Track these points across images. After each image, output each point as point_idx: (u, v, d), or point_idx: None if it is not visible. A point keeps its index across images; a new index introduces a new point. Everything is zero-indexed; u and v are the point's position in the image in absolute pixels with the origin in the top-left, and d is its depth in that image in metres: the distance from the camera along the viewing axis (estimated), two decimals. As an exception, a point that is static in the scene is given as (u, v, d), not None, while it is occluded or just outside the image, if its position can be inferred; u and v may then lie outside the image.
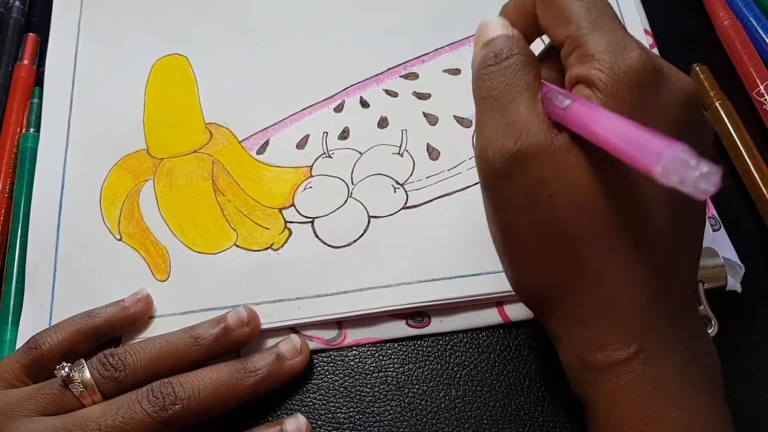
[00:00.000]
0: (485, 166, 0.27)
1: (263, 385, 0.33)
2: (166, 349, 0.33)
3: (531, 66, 0.28)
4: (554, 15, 0.27)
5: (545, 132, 0.26)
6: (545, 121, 0.26)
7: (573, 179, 0.25)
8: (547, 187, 0.25)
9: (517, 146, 0.26)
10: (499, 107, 0.27)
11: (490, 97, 0.27)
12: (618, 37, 0.26)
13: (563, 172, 0.25)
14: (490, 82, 0.28)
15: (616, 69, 0.25)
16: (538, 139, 0.25)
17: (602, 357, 0.26)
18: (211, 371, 0.33)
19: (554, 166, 0.25)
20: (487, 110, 0.27)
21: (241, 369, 0.33)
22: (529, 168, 0.26)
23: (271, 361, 0.34)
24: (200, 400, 0.32)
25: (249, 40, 0.45)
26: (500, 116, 0.27)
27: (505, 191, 0.27)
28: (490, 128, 0.27)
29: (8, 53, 0.45)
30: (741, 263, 0.36)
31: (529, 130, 0.26)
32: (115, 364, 0.32)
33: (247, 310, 0.35)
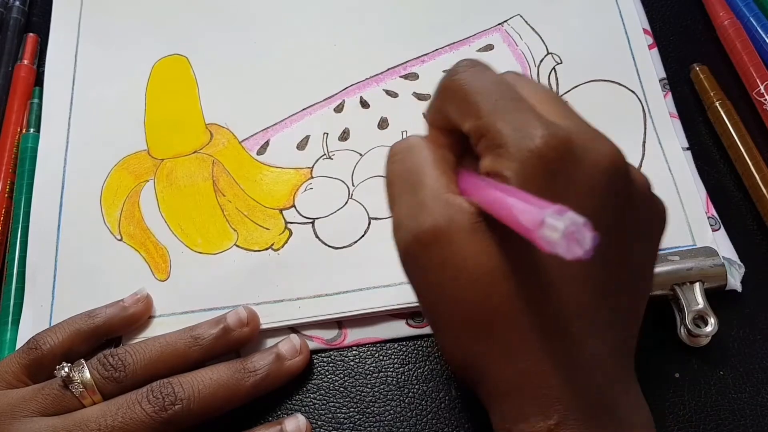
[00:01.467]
0: (397, 246, 0.27)
1: (263, 385, 0.33)
2: (166, 349, 0.33)
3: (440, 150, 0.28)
4: (457, 108, 0.27)
5: (447, 211, 0.25)
6: (450, 200, 0.26)
7: (473, 262, 0.25)
8: (450, 269, 0.25)
9: (418, 226, 0.26)
10: (407, 188, 0.27)
11: (397, 180, 0.28)
12: (520, 119, 0.25)
13: (465, 255, 0.25)
14: (395, 166, 0.28)
15: (520, 155, 0.24)
16: (439, 220, 0.25)
17: (526, 428, 0.26)
18: (210, 371, 0.33)
19: (456, 249, 0.25)
20: (395, 192, 0.28)
21: (240, 369, 0.33)
22: (432, 249, 0.25)
23: (271, 361, 0.34)
24: (200, 400, 0.32)
25: (249, 40, 0.45)
26: (407, 196, 0.27)
27: (416, 271, 0.27)
28: (399, 209, 0.27)
29: (8, 53, 0.45)
30: (741, 263, 0.36)
31: (432, 210, 0.26)
32: (115, 364, 0.32)
33: (247, 310, 0.35)
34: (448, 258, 0.25)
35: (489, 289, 0.25)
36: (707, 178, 0.39)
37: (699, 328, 0.33)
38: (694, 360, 0.34)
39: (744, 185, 0.39)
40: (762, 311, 0.36)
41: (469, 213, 0.25)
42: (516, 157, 0.24)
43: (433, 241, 0.25)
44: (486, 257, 0.25)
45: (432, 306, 0.27)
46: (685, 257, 0.35)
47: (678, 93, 0.42)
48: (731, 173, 0.40)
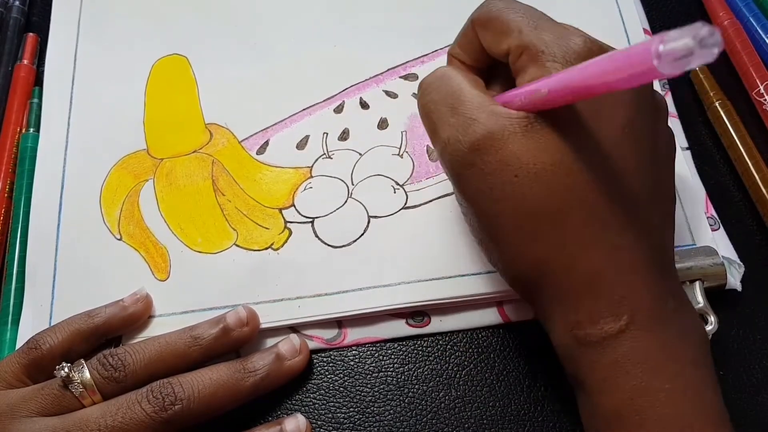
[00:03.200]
0: (448, 163, 0.28)
1: (263, 385, 0.33)
2: (165, 349, 0.33)
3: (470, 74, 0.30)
4: (495, 32, 0.29)
5: (497, 119, 0.27)
6: (496, 110, 0.27)
7: (534, 159, 0.26)
8: (510, 169, 0.26)
9: (471, 137, 0.27)
10: (448, 112, 0.28)
11: (436, 108, 0.29)
12: (559, 31, 0.27)
13: (523, 155, 0.26)
14: (431, 96, 0.30)
15: (566, 56, 0.26)
16: (490, 127, 0.27)
17: (594, 331, 0.26)
18: (210, 371, 0.33)
19: (513, 150, 0.26)
20: (437, 117, 0.29)
21: (240, 369, 0.33)
22: (490, 153, 0.27)
23: (271, 361, 0.34)
24: (200, 400, 0.32)
25: (249, 40, 0.45)
26: (451, 117, 0.28)
27: (473, 180, 0.28)
28: (445, 131, 0.28)
29: (8, 53, 0.45)
30: (740, 262, 0.36)
31: (479, 119, 0.27)
32: (115, 364, 0.32)
33: (247, 310, 0.35)
34: (507, 159, 0.26)
35: (552, 182, 0.26)
36: (707, 178, 0.39)
37: (699, 327, 0.33)
38: (694, 360, 0.34)
39: (744, 185, 0.39)
40: (762, 311, 0.36)
41: (518, 117, 0.26)
42: (562, 59, 0.26)
43: (489, 145, 0.27)
44: (545, 154, 0.26)
45: (494, 211, 0.27)
46: (684, 256, 0.35)
47: (678, 93, 0.42)
48: (731, 173, 0.40)
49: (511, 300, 0.36)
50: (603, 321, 0.26)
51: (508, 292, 0.36)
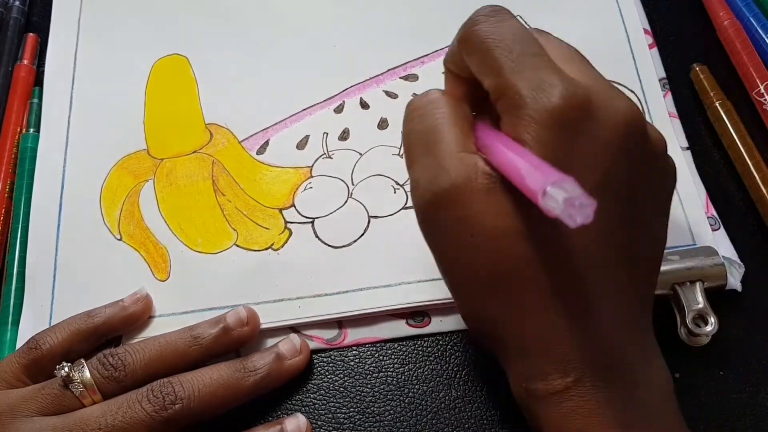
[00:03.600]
0: (415, 205, 0.28)
1: (263, 384, 0.33)
2: (165, 349, 0.33)
3: (458, 105, 0.28)
4: (478, 63, 0.27)
5: (464, 171, 0.26)
6: (469, 162, 0.26)
7: (490, 222, 0.25)
8: (467, 227, 0.26)
9: (436, 186, 0.26)
10: (425, 147, 0.27)
11: (415, 139, 0.28)
12: (540, 77, 0.25)
13: (482, 214, 0.25)
14: (414, 124, 0.28)
15: (538, 116, 0.24)
16: (456, 179, 0.26)
17: (543, 386, 0.26)
18: (210, 371, 0.33)
19: (474, 208, 0.25)
20: (413, 151, 0.28)
21: (240, 368, 0.33)
22: (450, 208, 0.26)
23: (271, 360, 0.34)
24: (200, 400, 0.32)
25: (249, 40, 0.45)
26: (425, 156, 0.27)
27: (434, 230, 0.27)
28: (417, 168, 0.27)
29: (8, 53, 0.45)
30: (740, 262, 0.36)
31: (449, 170, 0.26)
32: (115, 363, 0.32)
33: (247, 310, 0.35)
34: (465, 217, 0.26)
35: (505, 250, 0.25)
36: (707, 178, 0.39)
37: (699, 327, 0.33)
38: (694, 360, 0.34)
39: (744, 185, 0.39)
40: (762, 311, 0.36)
41: (484, 173, 0.25)
42: (534, 119, 0.24)
43: (450, 200, 0.26)
44: (501, 218, 0.25)
45: (450, 265, 0.28)
46: (685, 257, 0.35)
47: (678, 93, 0.42)
48: (731, 173, 0.40)
49: (511, 300, 0.36)
50: (551, 377, 0.26)
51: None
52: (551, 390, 0.26)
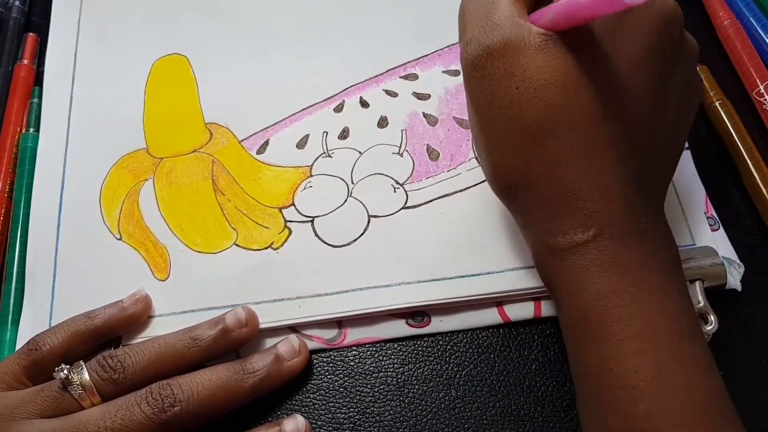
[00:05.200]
0: (464, 60, 0.30)
1: (262, 386, 0.33)
2: (164, 351, 0.33)
3: None
4: None
5: (520, 31, 0.28)
6: (521, 23, 0.28)
7: (538, 75, 0.28)
8: (514, 79, 0.28)
9: (490, 40, 0.28)
10: (481, 13, 0.29)
11: (473, 7, 0.30)
12: None
13: (530, 69, 0.28)
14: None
15: None
16: (510, 36, 0.28)
17: (563, 240, 0.28)
18: (210, 372, 0.33)
19: (522, 62, 0.28)
20: (468, 18, 0.30)
21: (240, 370, 0.33)
22: (500, 60, 0.28)
23: (270, 362, 0.34)
24: (199, 402, 0.32)
25: (249, 40, 0.45)
26: (480, 20, 0.29)
27: (479, 81, 0.29)
28: (470, 31, 0.29)
29: (8, 53, 0.45)
30: (740, 262, 0.36)
31: (503, 27, 0.28)
32: (114, 365, 0.32)
33: (246, 311, 0.35)
34: (515, 68, 0.28)
35: (550, 99, 0.28)
36: (707, 177, 0.39)
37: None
38: (694, 360, 0.34)
39: (744, 185, 0.39)
40: (762, 311, 0.36)
41: (537, 33, 0.28)
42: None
43: (502, 52, 0.28)
44: (550, 70, 0.27)
45: (489, 115, 0.29)
46: (684, 257, 0.35)
47: (678, 93, 0.42)
48: (731, 173, 0.40)
49: (511, 300, 0.36)
50: (572, 231, 0.28)
51: (507, 292, 0.36)
52: (571, 243, 0.28)
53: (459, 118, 0.41)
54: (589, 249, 0.28)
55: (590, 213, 0.28)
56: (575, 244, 0.28)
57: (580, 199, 0.28)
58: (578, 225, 0.28)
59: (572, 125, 0.28)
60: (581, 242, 0.28)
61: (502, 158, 0.30)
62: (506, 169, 0.30)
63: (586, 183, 0.28)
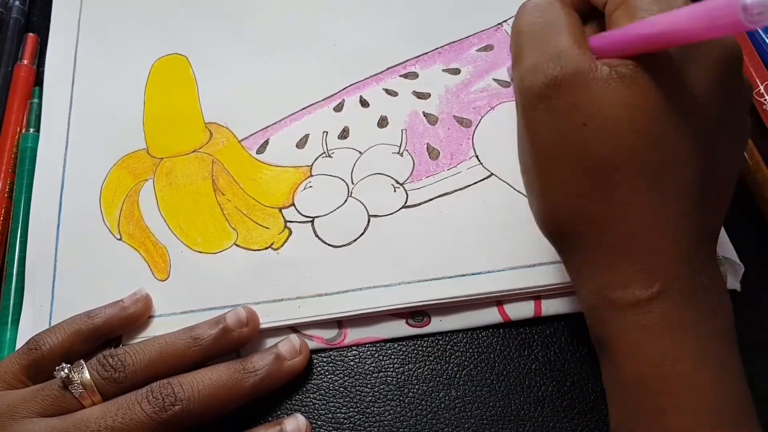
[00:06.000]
0: (524, 90, 0.27)
1: (263, 385, 0.33)
2: (165, 350, 0.33)
3: (572, 10, 0.28)
4: None
5: (586, 62, 0.26)
6: (587, 53, 0.26)
7: (608, 112, 0.25)
8: (582, 115, 0.26)
9: (557, 71, 0.26)
10: (541, 39, 0.27)
11: (532, 31, 0.28)
12: None
13: (599, 104, 0.25)
14: (531, 17, 0.28)
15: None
16: (578, 67, 0.26)
17: (625, 295, 0.26)
18: (210, 372, 0.33)
19: (591, 96, 0.25)
20: (527, 42, 0.28)
21: (240, 369, 0.33)
22: (567, 94, 0.26)
23: (271, 361, 0.34)
24: (200, 401, 0.32)
25: (249, 39, 0.45)
26: (541, 46, 0.27)
27: (542, 115, 0.27)
28: (531, 57, 0.27)
29: (8, 53, 0.45)
30: (740, 262, 0.36)
31: (570, 57, 0.26)
32: (115, 364, 0.32)
33: (246, 310, 0.35)
34: (584, 102, 0.26)
35: (620, 139, 0.25)
36: (707, 177, 0.39)
37: (699, 327, 0.33)
38: (694, 359, 0.34)
39: (744, 185, 0.39)
40: (762, 311, 0.36)
41: (606, 65, 0.26)
42: None
43: (570, 84, 0.26)
44: (621, 107, 0.25)
45: (552, 153, 0.27)
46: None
47: (678, 92, 0.42)
48: (731, 172, 0.39)
49: (511, 300, 0.36)
50: (635, 285, 0.26)
51: (507, 292, 0.36)
52: (633, 299, 0.26)
53: (459, 117, 0.41)
54: (653, 308, 0.26)
55: (656, 267, 0.26)
56: (637, 300, 0.26)
57: (646, 250, 0.26)
58: (642, 279, 0.26)
59: (643, 168, 0.25)
60: (644, 299, 0.26)
61: (562, 200, 0.27)
62: (565, 212, 0.27)
63: (653, 233, 0.26)
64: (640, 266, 0.26)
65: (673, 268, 0.26)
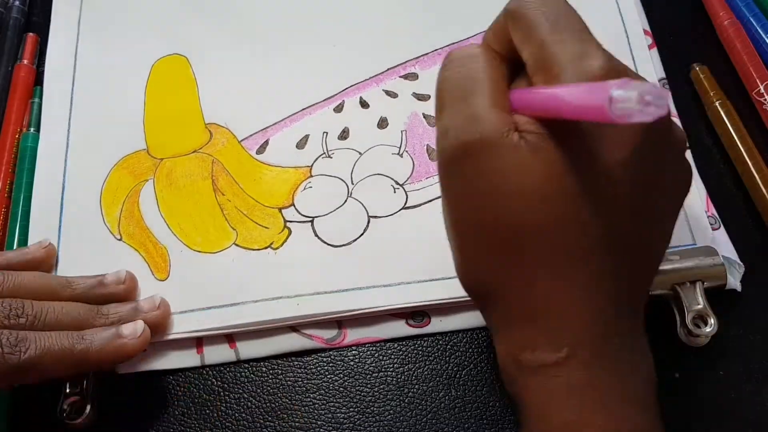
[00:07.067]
0: (440, 152, 0.27)
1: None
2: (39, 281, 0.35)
3: (497, 64, 0.28)
4: (521, 32, 0.27)
5: (498, 127, 0.25)
6: (501, 116, 0.26)
7: (514, 179, 0.25)
8: (489, 182, 0.25)
9: (469, 136, 0.26)
10: (459, 97, 0.27)
11: (451, 87, 0.27)
12: (581, 49, 0.25)
13: (506, 171, 0.25)
14: (452, 71, 0.28)
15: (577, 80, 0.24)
16: (491, 132, 0.25)
17: (532, 358, 0.26)
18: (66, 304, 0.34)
19: (499, 164, 0.25)
20: (447, 98, 0.27)
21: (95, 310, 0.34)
22: (479, 159, 0.25)
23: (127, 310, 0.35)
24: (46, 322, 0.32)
25: (249, 40, 0.45)
26: (457, 105, 0.27)
27: (456, 179, 0.27)
28: (449, 116, 0.27)
29: (8, 53, 0.45)
30: (740, 262, 0.36)
31: (484, 121, 0.25)
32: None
33: (127, 272, 0.37)
34: (493, 170, 0.25)
35: (524, 208, 0.25)
36: (707, 177, 0.39)
37: (699, 328, 0.33)
38: (694, 360, 0.34)
39: (744, 185, 0.39)
40: (762, 311, 0.36)
41: (519, 132, 0.25)
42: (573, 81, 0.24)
43: (480, 150, 0.25)
44: (531, 176, 0.25)
45: (463, 218, 0.27)
46: (685, 256, 0.35)
47: (678, 93, 0.42)
48: (731, 173, 0.40)
49: (511, 300, 0.36)
50: (542, 349, 0.26)
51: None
52: (541, 362, 0.25)
53: (459, 118, 0.41)
54: (558, 373, 0.25)
55: (562, 331, 0.25)
56: (544, 363, 0.25)
57: (555, 314, 0.25)
58: (548, 343, 0.25)
59: (549, 237, 0.25)
60: (551, 363, 0.25)
61: (473, 262, 0.27)
62: (477, 274, 0.28)
63: (561, 297, 0.25)
64: (548, 330, 0.26)
65: (581, 333, 0.25)
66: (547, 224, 0.25)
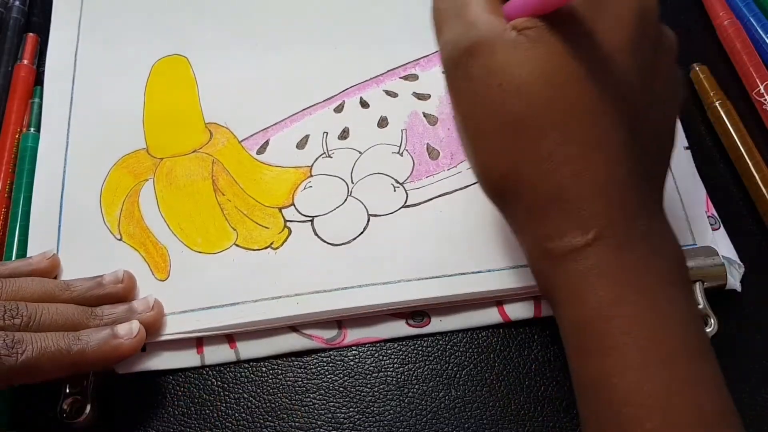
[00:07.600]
0: (444, 61, 0.29)
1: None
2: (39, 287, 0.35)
3: None
4: None
5: (496, 27, 0.27)
6: (498, 19, 0.27)
7: (519, 71, 0.26)
8: (495, 77, 0.27)
9: (469, 38, 0.27)
10: (454, 14, 0.28)
11: (445, 7, 0.29)
12: None
13: (510, 64, 0.26)
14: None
15: None
16: (487, 32, 0.27)
17: (561, 244, 0.27)
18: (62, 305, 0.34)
19: (502, 58, 0.27)
20: (442, 18, 0.29)
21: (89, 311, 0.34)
22: (479, 58, 0.27)
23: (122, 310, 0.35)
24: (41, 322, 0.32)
25: (249, 40, 0.45)
26: (455, 20, 0.28)
27: (461, 81, 0.28)
28: (448, 31, 0.29)
29: (8, 53, 0.45)
30: (740, 262, 0.36)
31: (480, 24, 0.27)
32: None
33: (125, 271, 0.36)
34: (495, 67, 0.27)
35: (535, 95, 0.26)
36: (707, 177, 0.39)
37: (699, 327, 0.33)
38: (694, 360, 0.34)
39: (744, 185, 0.39)
40: (762, 311, 0.36)
41: (513, 29, 0.27)
42: None
43: (480, 51, 0.27)
44: (532, 64, 0.26)
45: (474, 115, 0.28)
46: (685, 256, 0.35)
47: (678, 93, 0.42)
48: (731, 173, 0.40)
49: (511, 300, 0.36)
50: (570, 234, 0.26)
51: (507, 291, 0.36)
52: (569, 247, 0.26)
53: (459, 118, 0.41)
54: (588, 254, 0.26)
55: (589, 214, 0.26)
56: (573, 248, 0.26)
57: (578, 199, 0.26)
58: (576, 227, 0.26)
59: (561, 121, 0.26)
60: (580, 246, 0.26)
61: (490, 159, 0.28)
62: (496, 171, 0.28)
63: (582, 182, 0.26)
64: (573, 215, 0.26)
65: (606, 214, 0.26)
66: (558, 108, 0.26)
